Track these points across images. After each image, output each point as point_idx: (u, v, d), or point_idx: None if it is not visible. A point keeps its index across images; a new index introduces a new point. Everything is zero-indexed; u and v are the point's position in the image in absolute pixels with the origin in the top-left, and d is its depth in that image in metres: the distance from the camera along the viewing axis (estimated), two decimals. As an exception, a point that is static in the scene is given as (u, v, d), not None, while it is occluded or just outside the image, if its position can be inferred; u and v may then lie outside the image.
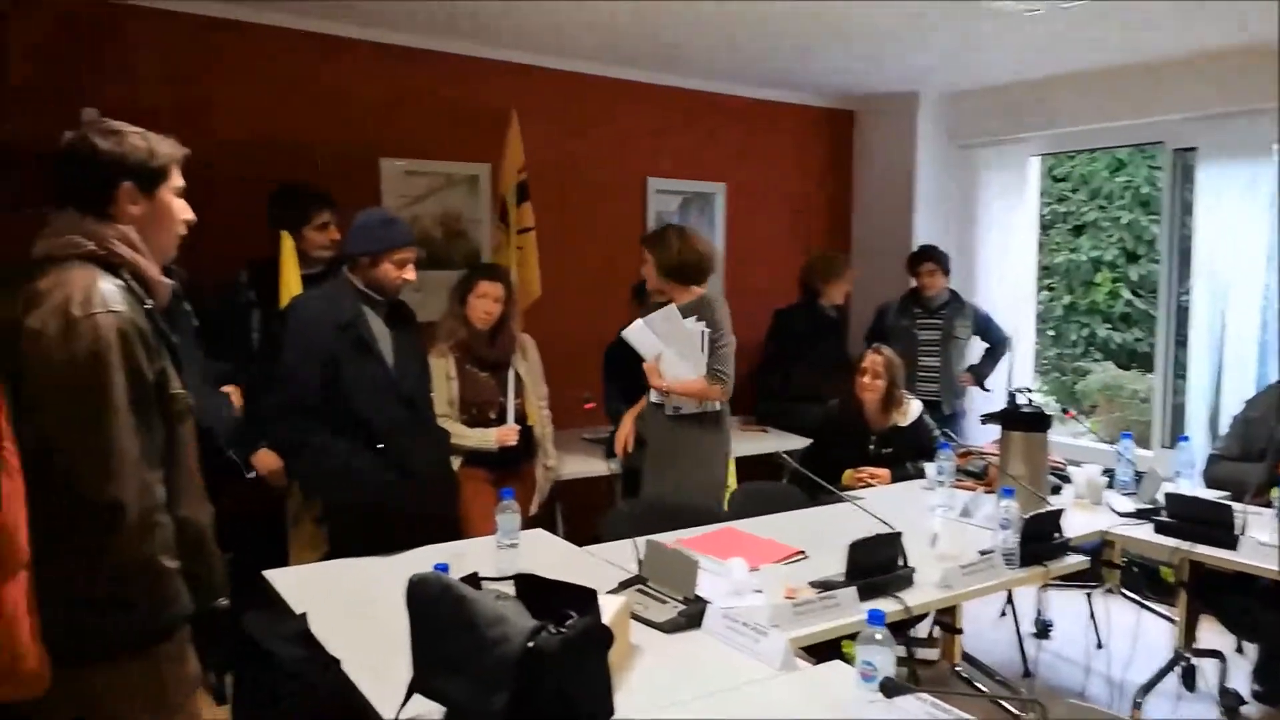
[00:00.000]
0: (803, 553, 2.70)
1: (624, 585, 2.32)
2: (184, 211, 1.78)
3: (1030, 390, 3.32)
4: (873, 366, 3.82)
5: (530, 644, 1.53)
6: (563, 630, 1.59)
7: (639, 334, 3.49)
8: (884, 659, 1.62)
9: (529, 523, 2.95)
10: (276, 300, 3.20)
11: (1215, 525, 2.96)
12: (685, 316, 3.45)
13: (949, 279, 5.01)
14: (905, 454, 3.80)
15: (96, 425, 1.53)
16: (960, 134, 5.59)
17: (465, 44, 4.37)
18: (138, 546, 1.55)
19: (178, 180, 1.76)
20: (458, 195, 4.52)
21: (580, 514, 3.94)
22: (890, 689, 1.58)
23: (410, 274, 2.86)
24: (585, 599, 1.72)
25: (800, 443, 4.50)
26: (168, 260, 1.77)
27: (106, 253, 1.65)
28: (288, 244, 3.31)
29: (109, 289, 1.60)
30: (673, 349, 3.46)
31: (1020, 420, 3.19)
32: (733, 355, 3.48)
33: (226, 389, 3.04)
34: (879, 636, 1.63)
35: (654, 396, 3.56)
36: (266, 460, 3.02)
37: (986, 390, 5.08)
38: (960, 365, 4.99)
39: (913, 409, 3.87)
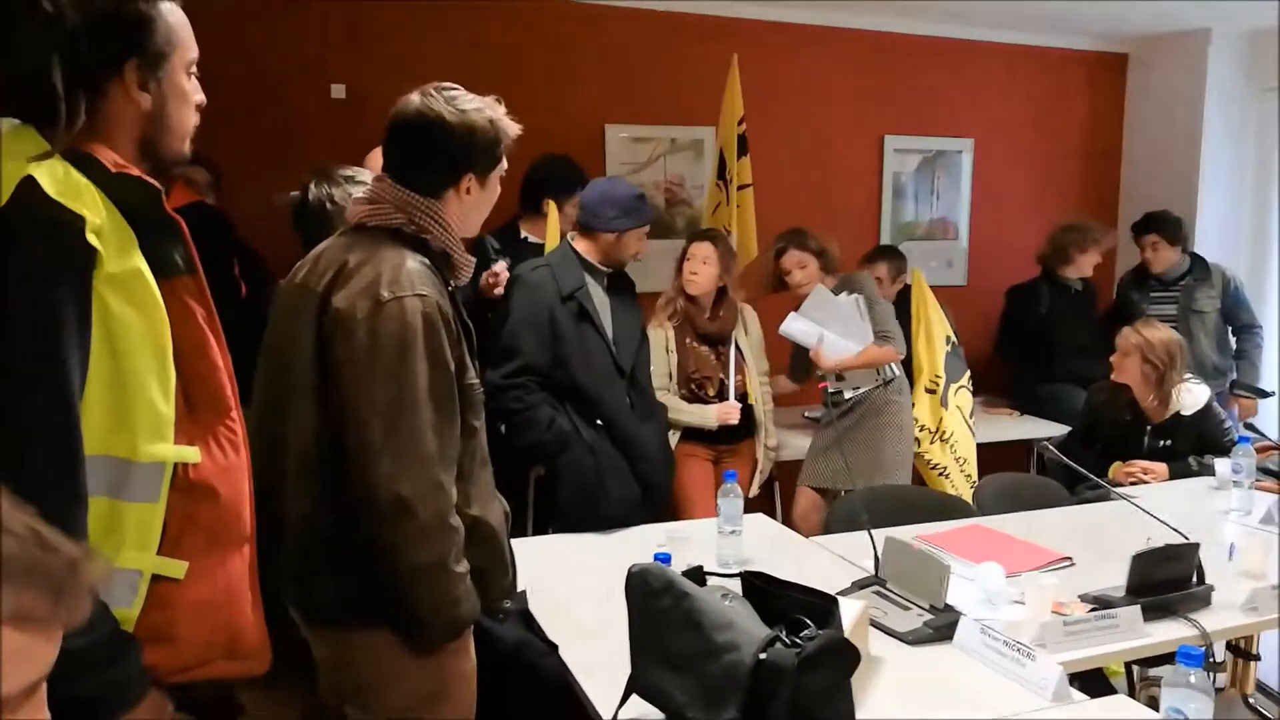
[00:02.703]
0: (1069, 559, 2.35)
1: (859, 586, 2.09)
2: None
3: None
4: (1122, 346, 3.36)
5: (762, 656, 1.36)
6: (797, 642, 1.41)
7: (795, 324, 3.55)
8: (1199, 707, 1.30)
9: (747, 506, 2.81)
10: None
11: None
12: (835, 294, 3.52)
13: (1181, 250, 4.35)
14: (1187, 447, 3.29)
15: (394, 417, 1.44)
16: (1261, 78, 4.75)
17: (687, 2, 4.19)
18: (425, 550, 1.46)
19: (505, 164, 1.66)
20: (682, 160, 4.38)
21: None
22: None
23: (645, 247, 2.80)
24: (823, 607, 1.52)
25: (1054, 430, 4.03)
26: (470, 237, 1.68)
27: (417, 228, 1.57)
28: (553, 214, 3.28)
29: (416, 269, 1.51)
30: (832, 328, 3.51)
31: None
32: (891, 314, 3.55)
33: None
34: (1193, 679, 1.31)
35: (829, 384, 3.49)
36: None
37: (1268, 395, 4.30)
38: (1210, 342, 4.30)
39: (1198, 396, 3.33)
